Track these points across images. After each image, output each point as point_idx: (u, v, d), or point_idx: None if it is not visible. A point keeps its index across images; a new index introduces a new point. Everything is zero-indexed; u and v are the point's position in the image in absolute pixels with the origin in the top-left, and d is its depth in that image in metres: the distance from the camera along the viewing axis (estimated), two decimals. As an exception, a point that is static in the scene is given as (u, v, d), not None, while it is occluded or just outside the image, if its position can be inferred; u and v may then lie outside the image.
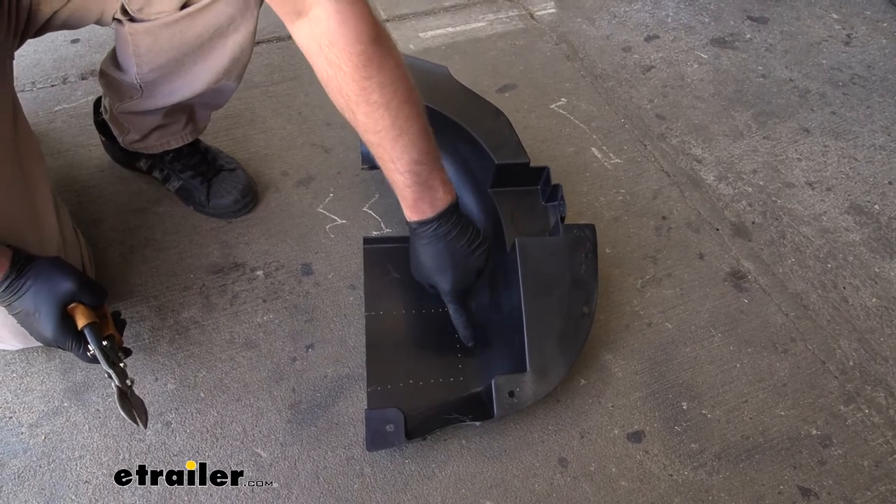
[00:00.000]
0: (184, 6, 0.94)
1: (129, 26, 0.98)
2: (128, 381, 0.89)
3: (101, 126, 1.29)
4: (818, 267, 1.34)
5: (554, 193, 1.17)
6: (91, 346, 0.86)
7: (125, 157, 1.31)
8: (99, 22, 1.01)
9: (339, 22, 0.78)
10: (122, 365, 0.89)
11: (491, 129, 1.20)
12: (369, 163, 1.37)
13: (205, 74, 1.05)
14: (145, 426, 0.90)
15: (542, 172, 1.19)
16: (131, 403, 0.89)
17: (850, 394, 1.15)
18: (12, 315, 0.87)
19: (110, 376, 0.87)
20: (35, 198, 0.97)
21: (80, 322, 0.87)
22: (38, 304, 0.85)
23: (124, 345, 0.96)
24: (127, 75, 1.07)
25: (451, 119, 1.20)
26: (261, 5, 0.96)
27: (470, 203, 1.27)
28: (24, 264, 0.85)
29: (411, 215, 0.96)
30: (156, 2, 0.94)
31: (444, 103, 1.22)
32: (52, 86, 1.57)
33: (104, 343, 0.87)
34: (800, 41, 1.90)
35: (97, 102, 1.30)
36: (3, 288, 0.83)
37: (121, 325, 0.98)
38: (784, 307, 1.27)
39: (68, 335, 0.86)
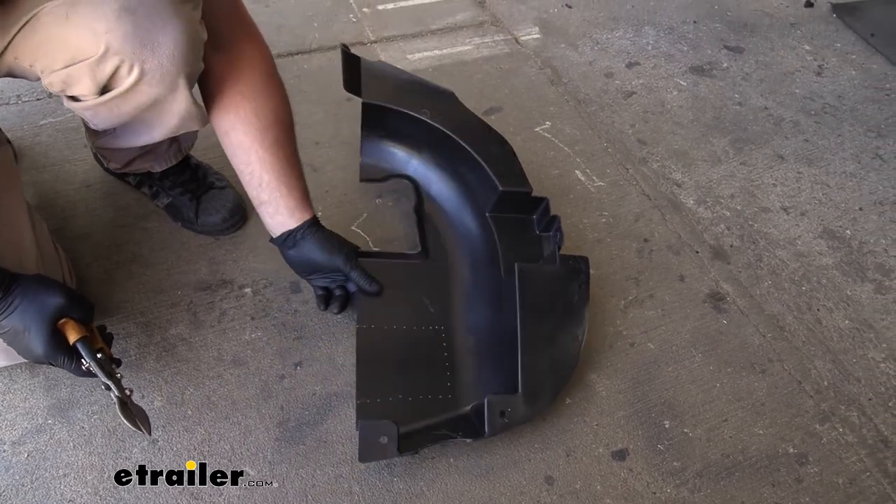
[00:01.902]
0: (105, 89, 0.88)
1: (66, 102, 0.93)
2: (126, 391, 0.89)
3: (90, 140, 1.29)
4: (793, 289, 1.39)
5: (550, 224, 1.20)
6: (85, 360, 0.86)
7: (114, 169, 1.30)
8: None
9: None
10: (118, 375, 0.89)
11: (496, 155, 1.24)
12: (368, 176, 1.38)
13: (161, 129, 1.01)
14: (149, 433, 0.91)
15: (541, 203, 1.22)
16: (132, 412, 0.89)
17: (825, 413, 1.19)
18: (0, 335, 0.86)
19: (108, 388, 0.87)
20: (8, 210, 0.96)
21: (72, 337, 0.87)
22: (26, 322, 0.84)
23: (113, 357, 0.96)
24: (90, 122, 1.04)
25: (459, 142, 1.23)
26: (191, 87, 0.93)
27: (469, 224, 1.29)
28: (9, 283, 0.85)
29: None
30: (74, 86, 0.88)
31: (453, 126, 1.26)
32: (38, 99, 1.56)
33: (99, 356, 0.87)
34: (774, 71, 1.97)
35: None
36: None
37: (108, 338, 0.98)
38: (761, 328, 1.31)
39: (60, 351, 0.86)
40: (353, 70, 1.31)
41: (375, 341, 1.15)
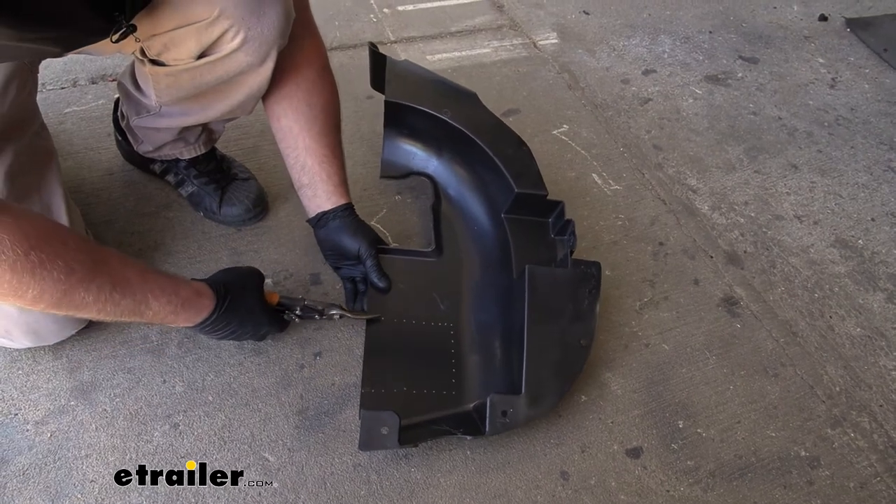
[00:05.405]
0: (202, 55, 0.95)
1: (149, 67, 1.00)
2: (335, 313, 1.13)
3: (118, 124, 1.30)
4: (806, 296, 1.40)
5: (564, 228, 1.21)
6: (293, 312, 1.10)
7: (139, 158, 1.32)
8: (120, 52, 1.02)
9: None
10: (320, 308, 1.11)
11: (514, 157, 1.25)
12: (388, 173, 1.39)
13: (221, 106, 1.07)
14: (380, 319, 1.16)
15: (557, 207, 1.23)
16: (354, 314, 1.15)
17: (837, 418, 1.20)
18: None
19: (323, 316, 1.12)
20: (46, 197, 0.99)
21: (273, 301, 1.08)
22: (247, 328, 1.05)
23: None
24: (145, 98, 1.10)
25: (477, 142, 1.25)
26: (280, 49, 0.98)
27: (485, 225, 1.31)
28: (223, 297, 0.98)
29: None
30: (173, 49, 0.95)
31: (472, 126, 1.27)
32: (62, 88, 1.58)
33: (306, 303, 1.11)
34: (788, 82, 1.99)
35: (118, 100, 1.31)
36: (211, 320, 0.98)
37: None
38: (774, 333, 1.32)
39: (279, 318, 1.10)
40: (380, 68, 1.33)
41: (385, 334, 1.17)
